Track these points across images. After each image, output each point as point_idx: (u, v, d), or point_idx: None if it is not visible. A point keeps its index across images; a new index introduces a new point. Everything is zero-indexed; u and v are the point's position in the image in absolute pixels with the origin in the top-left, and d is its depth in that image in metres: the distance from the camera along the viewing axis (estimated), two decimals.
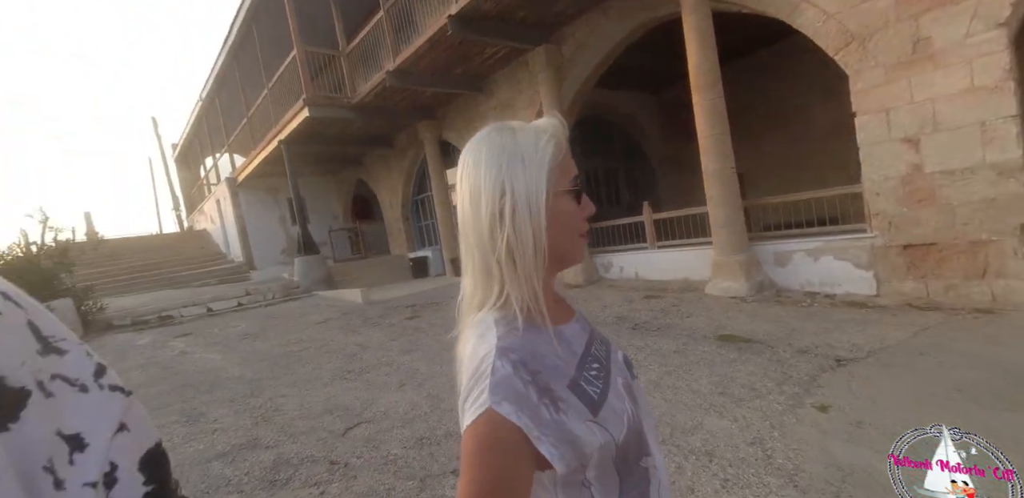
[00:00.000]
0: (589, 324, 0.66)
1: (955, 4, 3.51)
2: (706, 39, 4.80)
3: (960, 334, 3.12)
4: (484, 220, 0.54)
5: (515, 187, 0.53)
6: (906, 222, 4.02)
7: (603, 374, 0.57)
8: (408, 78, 7.12)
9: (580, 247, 0.59)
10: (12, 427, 0.20)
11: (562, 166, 0.56)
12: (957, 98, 3.61)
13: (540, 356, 0.52)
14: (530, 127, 0.57)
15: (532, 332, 0.53)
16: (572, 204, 0.56)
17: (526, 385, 0.48)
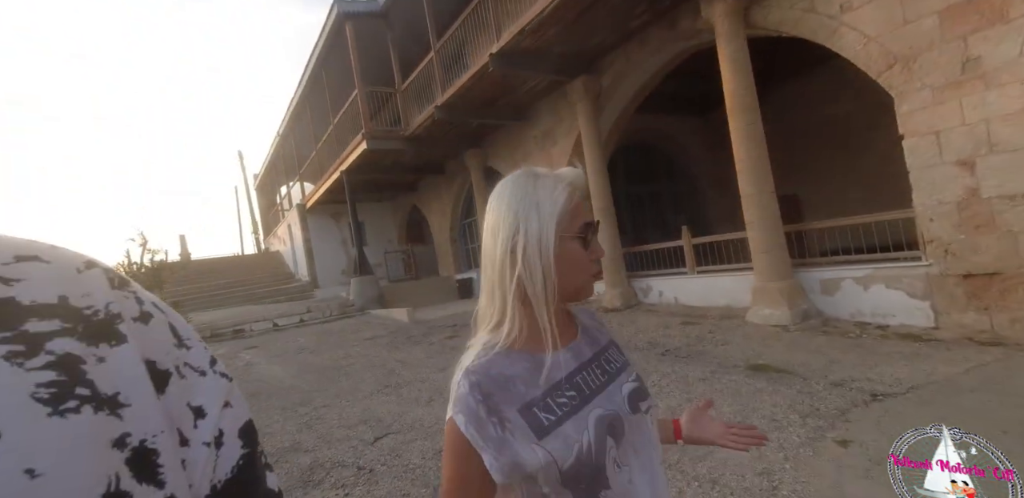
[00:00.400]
0: (599, 350, 0.70)
1: (1005, 23, 3.36)
2: (741, 66, 4.83)
3: (1019, 372, 2.85)
4: (498, 253, 0.61)
5: (528, 229, 0.60)
6: (964, 249, 3.75)
7: (574, 403, 0.60)
8: (455, 111, 7.63)
9: (589, 285, 0.65)
10: (160, 398, 0.27)
11: (572, 213, 0.62)
12: (1013, 118, 3.40)
13: (505, 379, 0.58)
14: (551, 175, 0.64)
15: (512, 357, 0.60)
16: (579, 248, 0.62)
17: (477, 404, 0.56)
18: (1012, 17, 3.32)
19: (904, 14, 3.82)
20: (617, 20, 5.63)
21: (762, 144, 4.89)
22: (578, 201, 0.63)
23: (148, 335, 0.28)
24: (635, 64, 6.40)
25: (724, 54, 4.88)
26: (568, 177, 0.64)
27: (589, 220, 0.63)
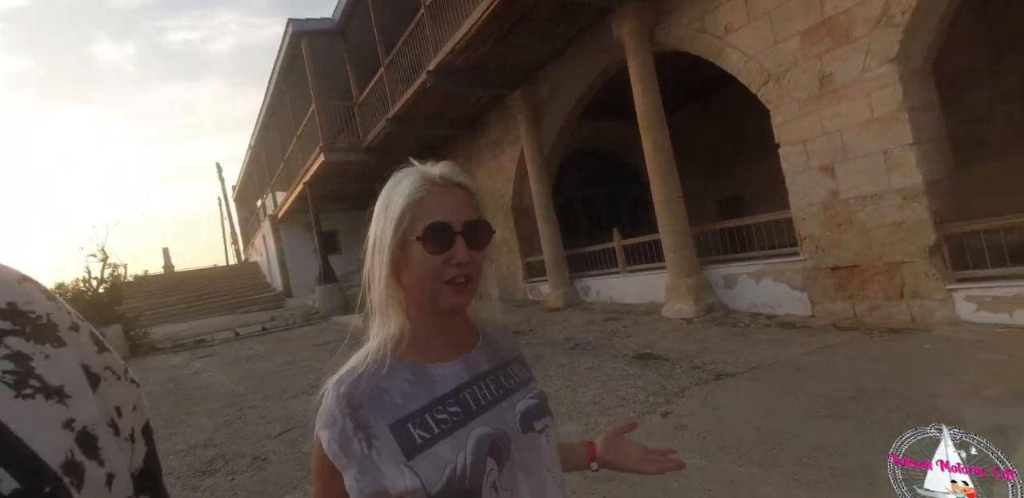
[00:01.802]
0: (500, 364, 0.64)
1: (851, 42, 3.80)
2: (648, 82, 5.25)
3: (851, 352, 3.24)
4: (363, 257, 0.58)
5: (375, 231, 0.56)
6: (830, 245, 4.15)
7: (456, 420, 0.55)
8: (406, 124, 7.99)
9: (445, 293, 0.56)
10: (94, 395, 0.31)
11: (416, 212, 0.54)
12: (861, 128, 3.83)
13: (379, 391, 0.54)
14: (415, 174, 0.57)
15: (392, 366, 0.55)
16: (421, 251, 0.54)
17: (344, 417, 0.51)
18: (855, 37, 3.76)
19: (775, 35, 4.26)
20: (543, 38, 6.04)
21: (670, 156, 5.30)
22: (428, 197, 0.55)
23: (80, 342, 0.31)
24: (569, 76, 6.81)
25: (633, 69, 5.30)
26: (429, 171, 0.57)
27: (438, 220, 0.55)
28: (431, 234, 0.54)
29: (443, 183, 0.57)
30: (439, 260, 0.55)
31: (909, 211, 3.64)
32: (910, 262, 3.68)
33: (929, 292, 3.60)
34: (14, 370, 0.26)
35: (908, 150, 3.59)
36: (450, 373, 0.59)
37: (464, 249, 0.55)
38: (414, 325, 0.58)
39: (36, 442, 0.25)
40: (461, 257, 0.55)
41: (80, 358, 0.31)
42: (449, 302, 0.56)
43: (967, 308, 3.42)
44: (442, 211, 0.55)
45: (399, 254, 0.55)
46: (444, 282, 0.56)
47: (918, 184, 3.57)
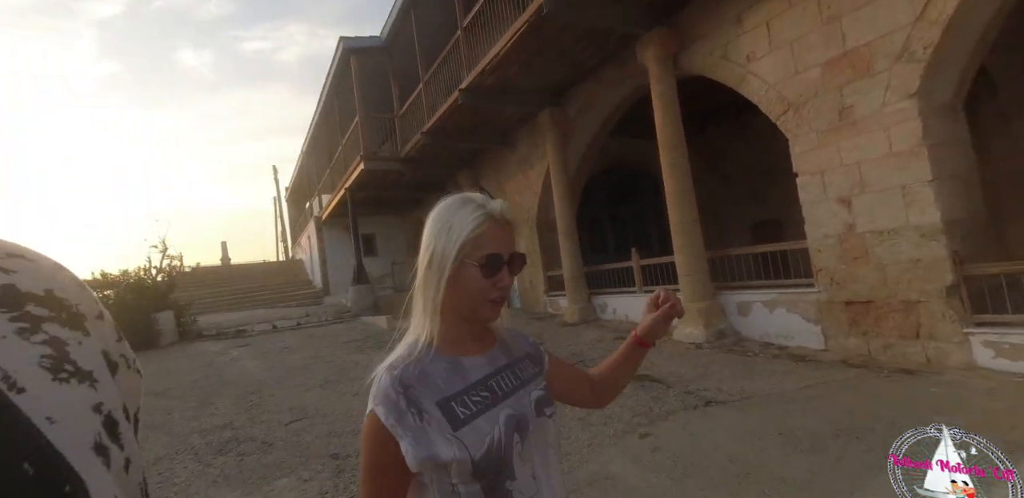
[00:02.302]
0: (514, 360, 0.76)
1: (871, 76, 3.77)
2: (670, 106, 5.33)
3: (851, 390, 3.19)
4: (420, 265, 0.69)
5: (435, 247, 0.67)
6: (845, 279, 4.07)
7: (487, 402, 0.67)
8: (440, 137, 8.36)
9: (487, 309, 0.69)
10: (114, 381, 0.33)
11: (477, 241, 0.66)
12: (880, 162, 3.77)
13: (424, 375, 0.65)
14: (475, 204, 0.69)
15: (432, 357, 0.67)
16: (476, 274, 0.66)
17: (398, 395, 0.62)
18: (877, 71, 3.72)
19: (796, 65, 4.26)
20: (571, 60, 6.24)
21: (688, 177, 5.34)
22: (488, 231, 0.67)
23: (102, 331, 0.33)
24: (597, 98, 6.96)
25: (655, 94, 5.39)
26: (491, 208, 0.68)
27: (496, 251, 0.67)
28: (488, 262, 0.67)
29: (500, 219, 0.69)
30: (489, 283, 0.67)
31: (927, 249, 3.54)
32: (926, 302, 3.56)
33: (946, 334, 3.47)
34: (52, 355, 0.28)
35: (927, 186, 3.51)
36: (478, 364, 0.71)
37: (508, 276, 0.69)
38: (447, 326, 0.69)
39: (69, 425, 0.26)
40: (506, 282, 0.69)
41: (102, 345, 0.32)
42: (487, 315, 0.70)
43: (985, 354, 3.29)
44: (497, 244, 0.68)
45: (454, 271, 0.66)
46: (488, 300, 0.68)
47: (936, 222, 3.47)
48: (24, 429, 0.24)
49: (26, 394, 0.25)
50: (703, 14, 4.99)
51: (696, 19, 5.08)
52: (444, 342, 0.69)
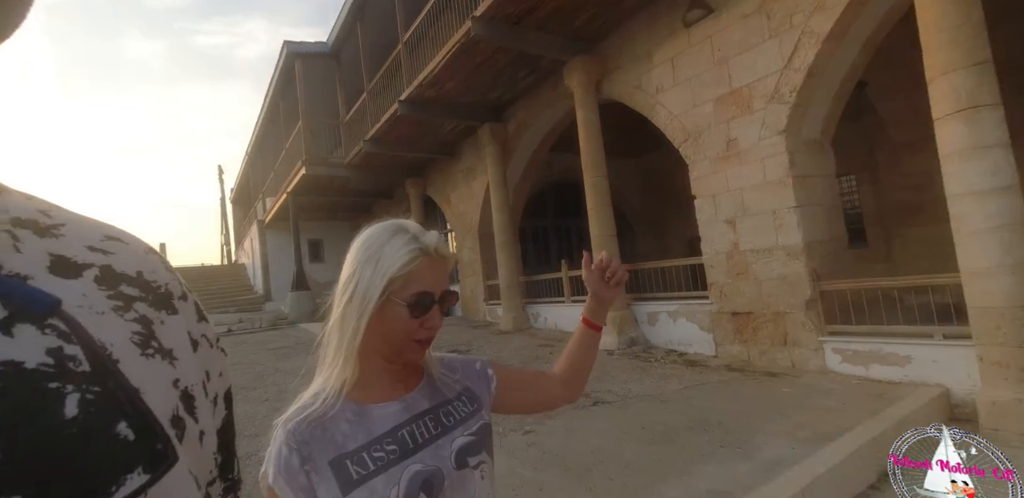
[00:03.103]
0: (440, 403, 0.68)
1: (751, 113, 4.27)
2: (592, 129, 5.73)
3: (720, 391, 3.58)
4: (337, 296, 0.63)
5: (359, 281, 0.60)
6: (732, 292, 4.54)
7: (392, 458, 0.60)
8: (383, 145, 8.48)
9: (411, 350, 0.64)
10: (193, 359, 0.33)
11: (408, 278, 0.60)
12: (757, 189, 4.27)
13: (323, 429, 0.59)
14: (409, 235, 0.63)
15: (338, 406, 0.61)
16: (404, 313, 0.61)
17: (291, 452, 0.58)
18: (755, 109, 4.23)
19: (694, 99, 4.75)
20: (507, 80, 6.57)
21: (607, 195, 5.75)
22: (421, 267, 0.61)
23: (186, 310, 0.34)
24: (534, 116, 7.32)
25: (580, 117, 5.79)
26: (425, 241, 0.63)
27: (427, 290, 0.62)
28: (418, 301, 0.61)
29: (435, 256, 0.63)
30: (416, 323, 0.62)
31: (791, 267, 4.04)
32: (791, 313, 4.05)
33: (805, 342, 3.96)
34: (140, 332, 0.29)
35: (792, 212, 4.01)
36: (389, 413, 0.63)
37: (439, 315, 0.64)
38: (363, 368, 0.63)
39: (154, 396, 0.28)
40: (435, 322, 0.64)
41: (186, 325, 0.34)
42: (412, 357, 0.65)
43: (834, 359, 3.79)
44: (429, 281, 0.62)
45: (378, 308, 0.60)
46: (414, 340, 0.63)
47: (798, 243, 3.98)
48: (127, 393, 0.26)
49: (120, 366, 0.27)
50: (621, 47, 5.45)
51: (615, 50, 5.52)
52: (356, 387, 0.63)
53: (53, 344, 0.25)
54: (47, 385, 0.23)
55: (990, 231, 2.70)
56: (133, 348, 0.28)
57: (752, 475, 2.23)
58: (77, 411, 0.23)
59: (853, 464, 2.32)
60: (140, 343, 0.29)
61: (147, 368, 0.28)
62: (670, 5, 4.82)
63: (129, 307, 0.30)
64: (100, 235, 0.32)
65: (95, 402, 0.24)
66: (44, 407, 0.23)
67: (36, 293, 0.25)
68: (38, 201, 0.31)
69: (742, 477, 2.23)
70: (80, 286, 0.28)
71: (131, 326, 0.29)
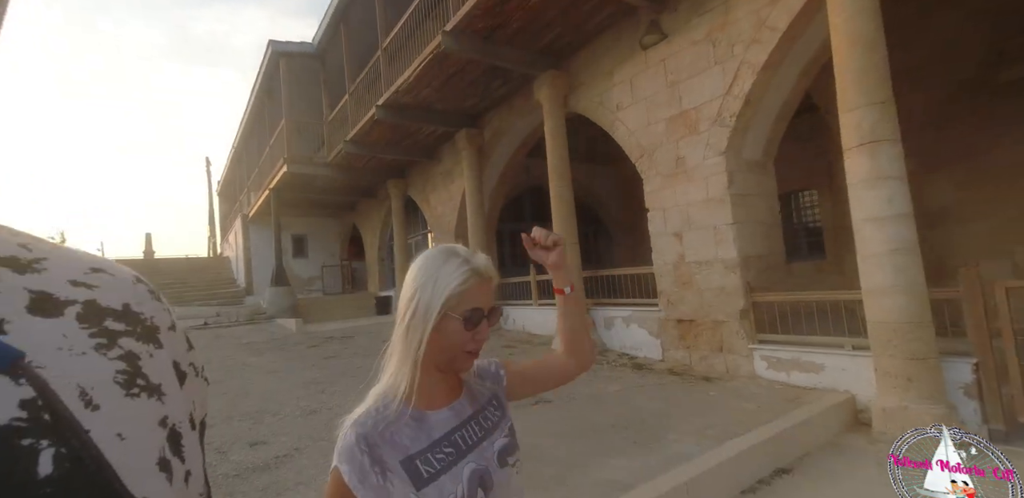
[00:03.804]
0: (479, 409, 0.77)
1: (697, 134, 4.55)
2: (559, 140, 5.99)
3: (654, 393, 3.87)
4: (400, 315, 0.71)
5: (420, 298, 0.69)
6: (677, 300, 4.83)
7: (451, 459, 0.68)
8: (364, 147, 8.66)
9: (463, 360, 0.72)
10: (180, 392, 0.32)
11: (463, 296, 0.69)
12: (700, 205, 4.55)
13: (390, 432, 0.66)
14: (461, 258, 0.72)
15: (401, 412, 0.68)
16: (459, 327, 0.69)
17: (362, 454, 0.64)
18: (701, 131, 4.51)
19: (648, 118, 5.02)
20: (481, 89, 6.79)
21: (571, 203, 6.01)
22: (473, 287, 0.70)
23: (174, 341, 0.33)
24: (509, 124, 7.55)
25: (548, 128, 6.04)
26: (475, 264, 0.71)
27: (478, 306, 0.71)
28: (471, 316, 0.70)
29: (483, 275, 0.72)
30: (469, 335, 0.70)
31: (729, 278, 4.33)
32: (728, 322, 4.35)
33: (738, 349, 4.26)
34: (125, 370, 0.28)
35: (730, 228, 4.30)
36: (444, 418, 0.72)
37: (487, 328, 0.73)
38: (422, 378, 0.70)
39: (140, 441, 0.26)
40: (484, 335, 0.72)
41: (173, 356, 0.33)
42: (463, 366, 0.74)
43: (762, 365, 4.09)
44: (480, 299, 0.71)
45: (436, 322, 0.68)
46: (465, 351, 0.72)
47: (735, 257, 4.27)
48: (96, 462, 0.24)
49: (100, 411, 0.25)
50: (586, 64, 5.70)
51: (581, 67, 5.78)
52: (417, 396, 0.69)
53: (27, 395, 0.23)
54: (20, 442, 0.22)
55: (886, 254, 3.00)
56: (116, 389, 0.27)
57: (653, 468, 2.50)
58: (52, 469, 0.22)
59: (745, 460, 2.60)
60: (124, 383, 0.28)
61: (132, 410, 0.27)
62: (630, 28, 5.09)
63: (113, 344, 0.29)
64: (84, 268, 0.31)
65: (68, 457, 0.23)
66: (16, 467, 0.21)
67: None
68: (21, 236, 0.31)
69: (644, 470, 2.50)
70: (60, 326, 0.27)
71: (115, 365, 0.28)
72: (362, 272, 15.76)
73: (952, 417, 2.84)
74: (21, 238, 0.30)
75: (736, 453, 2.59)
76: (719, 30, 4.26)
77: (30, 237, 0.31)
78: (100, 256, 0.34)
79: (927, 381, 2.89)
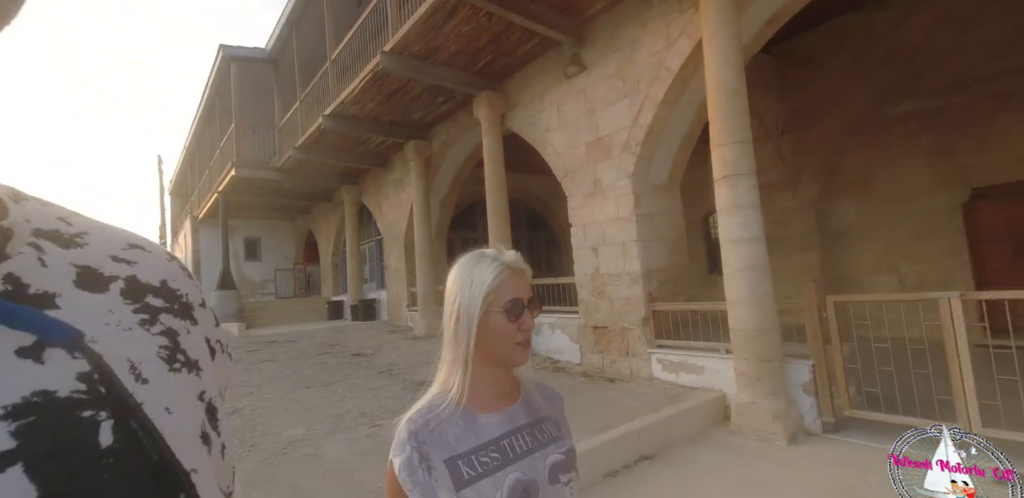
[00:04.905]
0: (535, 420, 0.77)
1: (610, 159, 5.03)
2: (496, 156, 6.38)
3: (559, 391, 4.25)
4: (447, 318, 0.74)
5: (462, 300, 0.72)
6: (593, 308, 5.27)
7: (496, 464, 0.69)
8: (313, 153, 8.81)
9: (517, 352, 0.74)
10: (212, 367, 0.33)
11: (499, 290, 0.72)
12: (613, 223, 5.02)
13: (439, 431, 0.69)
14: (491, 257, 0.75)
15: (452, 412, 0.71)
16: (503, 319, 0.71)
17: (412, 450, 0.67)
18: (613, 156, 4.99)
19: (571, 141, 5.47)
20: (425, 104, 7.12)
21: (506, 216, 6.40)
22: (507, 280, 0.73)
23: (205, 318, 0.34)
24: (456, 137, 7.89)
25: (486, 145, 6.42)
26: (505, 259, 0.75)
27: (516, 296, 0.72)
28: (511, 306, 0.72)
29: (515, 268, 0.75)
30: (514, 326, 0.72)
31: (634, 289, 4.80)
32: (632, 328, 4.81)
33: (640, 353, 4.73)
34: (167, 345, 0.28)
35: (635, 244, 4.78)
36: (494, 423, 0.72)
37: (530, 317, 0.74)
38: (475, 377, 0.72)
39: (185, 414, 0.27)
40: (529, 324, 0.74)
41: (205, 333, 0.33)
42: (519, 359, 0.75)
43: (657, 368, 4.56)
44: (516, 289, 0.73)
45: (481, 319, 0.71)
46: (515, 343, 0.73)
47: (638, 270, 4.75)
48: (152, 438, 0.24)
49: (149, 385, 0.26)
50: (520, 87, 6.13)
51: (516, 89, 6.20)
52: (469, 396, 0.71)
53: (83, 368, 0.23)
54: (81, 414, 0.22)
55: (742, 271, 3.51)
56: (161, 364, 0.27)
57: None
58: (112, 440, 0.22)
59: (610, 449, 3.01)
60: (167, 358, 0.28)
61: (176, 384, 0.28)
62: (556, 57, 5.54)
63: (155, 320, 0.29)
64: (123, 243, 0.31)
65: (125, 429, 0.23)
66: (79, 437, 0.21)
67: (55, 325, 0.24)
68: (55, 207, 0.30)
69: None
70: (107, 301, 0.27)
71: (158, 340, 0.28)
72: (317, 276, 15.66)
73: (790, 411, 3.35)
74: (57, 211, 0.30)
75: (601, 443, 2.99)
76: (627, 67, 4.75)
77: (65, 210, 0.31)
78: (134, 232, 0.34)
79: (772, 380, 3.39)
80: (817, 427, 3.42)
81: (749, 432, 3.40)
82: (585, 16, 5.03)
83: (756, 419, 3.36)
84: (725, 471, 2.94)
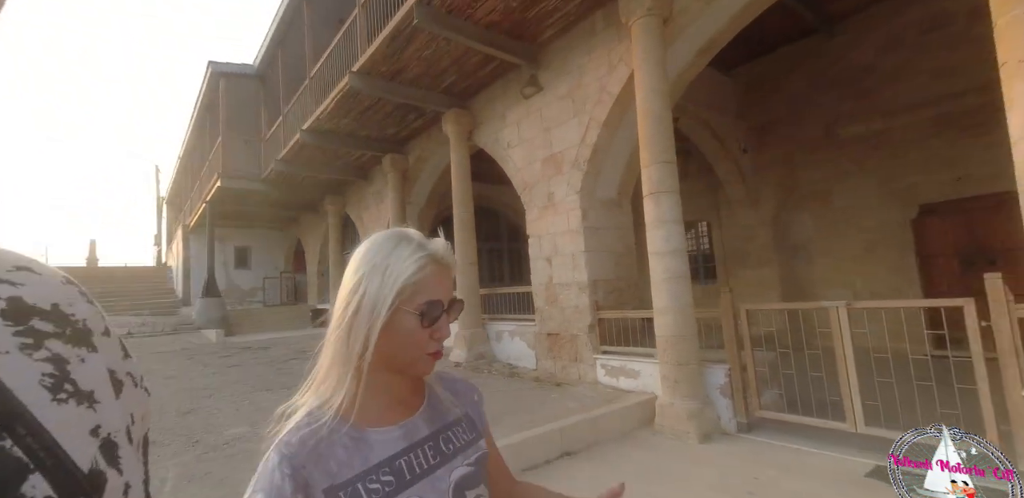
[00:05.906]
0: (441, 427, 0.65)
1: (562, 175, 5.34)
2: (463, 171, 6.69)
3: (509, 395, 4.49)
4: (339, 307, 0.60)
5: (367, 290, 0.58)
6: (547, 316, 5.53)
7: (387, 490, 0.56)
8: (295, 166, 9.13)
9: (423, 363, 0.61)
10: (117, 402, 0.30)
11: (418, 287, 0.59)
12: (564, 235, 5.31)
13: (319, 455, 0.55)
14: (415, 243, 0.61)
15: (335, 430, 0.57)
16: (415, 324, 0.59)
17: (283, 478, 0.52)
18: (564, 172, 5.30)
19: (529, 158, 5.79)
20: (398, 120, 7.46)
21: (472, 229, 6.68)
22: (431, 276, 0.60)
23: (109, 346, 0.31)
24: (430, 152, 8.22)
25: (454, 160, 6.74)
26: (432, 249, 0.62)
27: (436, 298, 0.60)
28: (428, 309, 0.59)
29: (442, 263, 0.62)
30: (426, 334, 0.60)
31: (582, 298, 5.07)
32: (580, 335, 5.07)
33: (587, 358, 4.97)
34: (52, 373, 0.26)
35: (582, 255, 5.06)
36: (389, 439, 0.60)
37: (447, 325, 0.62)
38: (366, 386, 0.59)
39: (69, 450, 0.25)
40: (444, 333, 0.62)
41: (107, 363, 0.31)
42: (425, 370, 0.63)
43: (601, 372, 4.80)
44: (438, 290, 0.61)
45: (387, 319, 0.58)
46: (427, 353, 0.61)
47: (585, 280, 5.02)
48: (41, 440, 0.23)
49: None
50: (485, 105, 6.47)
51: (481, 107, 6.54)
52: (357, 408, 0.59)
53: None
54: None
55: (664, 281, 3.78)
56: (43, 392, 0.25)
57: None
58: None
59: (532, 445, 3.24)
60: (52, 387, 0.26)
61: (60, 415, 0.25)
62: (516, 79, 5.89)
63: (40, 345, 0.27)
64: (8, 265, 0.29)
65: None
66: None
67: None
68: None
69: None
70: None
71: (41, 367, 0.26)
72: (304, 284, 15.90)
73: (705, 412, 3.60)
74: None
75: (525, 438, 3.23)
76: (576, 89, 5.09)
77: None
78: (24, 255, 0.31)
79: (689, 383, 3.64)
80: (732, 427, 3.66)
81: (668, 431, 3.64)
82: (539, 41, 5.38)
83: (674, 419, 3.60)
84: (637, 465, 3.18)
